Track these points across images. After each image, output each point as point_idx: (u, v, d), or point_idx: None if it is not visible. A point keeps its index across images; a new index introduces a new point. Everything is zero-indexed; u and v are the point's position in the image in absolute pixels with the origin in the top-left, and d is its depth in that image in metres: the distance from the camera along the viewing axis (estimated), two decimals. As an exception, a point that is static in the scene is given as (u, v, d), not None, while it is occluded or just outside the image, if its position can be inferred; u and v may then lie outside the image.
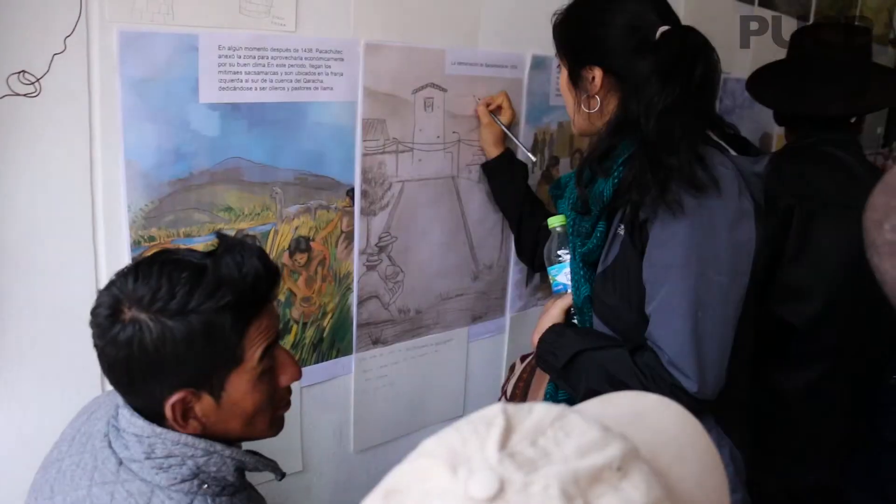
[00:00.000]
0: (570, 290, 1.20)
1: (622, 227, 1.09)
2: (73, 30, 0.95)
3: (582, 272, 1.16)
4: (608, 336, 1.12)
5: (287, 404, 0.89)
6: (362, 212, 1.32)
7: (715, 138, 1.11)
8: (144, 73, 1.02)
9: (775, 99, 1.70)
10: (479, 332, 1.62)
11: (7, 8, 0.90)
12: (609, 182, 1.08)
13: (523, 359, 1.41)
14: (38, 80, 0.94)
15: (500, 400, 1.48)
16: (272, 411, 0.86)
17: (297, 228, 1.25)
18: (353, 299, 1.36)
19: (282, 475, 0.89)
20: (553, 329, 1.18)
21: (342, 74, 1.24)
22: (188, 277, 0.75)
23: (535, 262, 1.48)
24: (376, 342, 1.42)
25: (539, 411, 0.41)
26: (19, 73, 0.92)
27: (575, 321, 1.20)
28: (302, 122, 1.20)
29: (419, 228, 1.43)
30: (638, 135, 1.05)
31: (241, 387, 0.80)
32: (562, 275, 1.23)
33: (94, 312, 0.77)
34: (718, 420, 1.10)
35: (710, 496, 0.45)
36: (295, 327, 1.29)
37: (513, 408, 0.41)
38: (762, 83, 1.73)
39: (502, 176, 1.49)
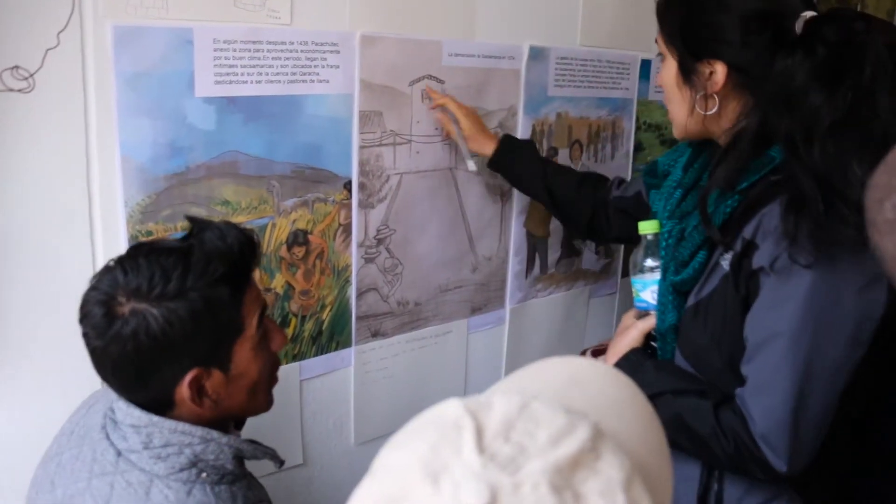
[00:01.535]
0: (653, 312, 1.06)
1: (727, 257, 0.92)
2: (67, 24, 0.95)
3: (671, 298, 1.01)
4: (691, 376, 0.99)
5: (276, 377, 0.92)
6: (360, 204, 1.32)
7: None
8: (139, 68, 1.02)
9: None
10: (478, 323, 1.62)
11: None
12: (721, 208, 0.92)
13: (595, 353, 1.31)
14: (31, 75, 0.94)
15: None
16: (269, 382, 0.89)
17: (294, 222, 1.25)
18: (352, 292, 1.36)
19: (280, 463, 0.89)
20: (630, 358, 1.05)
21: (338, 67, 1.23)
22: (177, 260, 0.76)
23: (596, 234, 1.41)
24: (376, 334, 1.43)
25: (500, 404, 0.40)
26: (12, 68, 0.92)
27: (654, 344, 1.07)
28: (298, 115, 1.20)
29: (417, 221, 1.43)
30: (773, 156, 0.89)
31: (245, 355, 0.82)
32: (647, 292, 1.07)
33: (85, 316, 0.76)
34: (796, 485, 0.98)
35: (654, 450, 0.45)
36: (294, 320, 1.29)
37: (471, 404, 0.40)
38: None
39: (516, 163, 1.37)
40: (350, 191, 1.30)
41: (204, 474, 0.78)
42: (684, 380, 0.98)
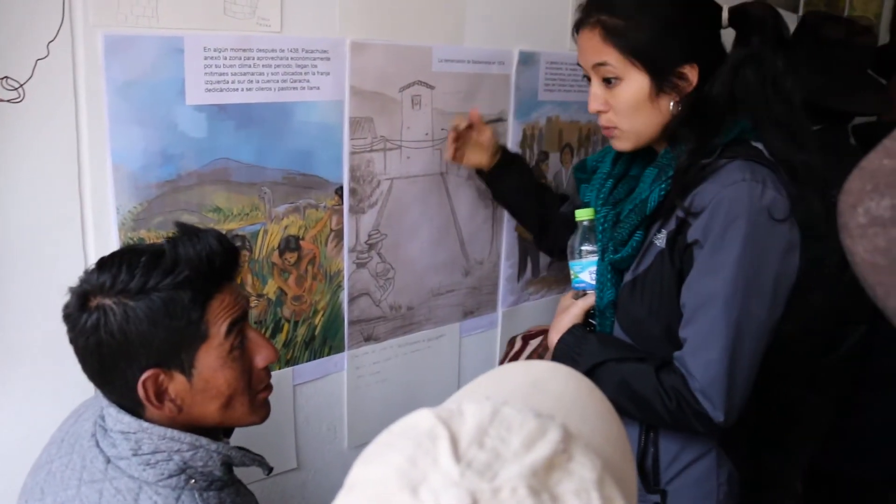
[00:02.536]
0: (591, 291, 1.14)
1: (661, 236, 1.03)
2: (57, 35, 0.96)
3: (609, 276, 1.10)
4: (631, 346, 1.08)
5: (268, 387, 0.91)
6: (351, 210, 1.33)
7: (760, 147, 1.03)
8: (130, 77, 1.03)
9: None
10: (471, 327, 1.63)
11: (-10, 14, 0.91)
12: (655, 191, 1.03)
13: (526, 339, 1.36)
14: (21, 85, 0.94)
15: None
16: (251, 394, 0.87)
17: (286, 228, 1.25)
18: (344, 297, 1.37)
19: (269, 470, 0.90)
20: (573, 332, 1.12)
21: (329, 74, 1.24)
22: (147, 260, 0.78)
23: (556, 250, 1.45)
24: (368, 339, 1.43)
25: (471, 412, 0.41)
26: (2, 79, 0.93)
27: (593, 322, 1.15)
28: (289, 121, 1.21)
29: (409, 225, 1.44)
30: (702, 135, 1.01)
31: (210, 363, 0.82)
32: (585, 273, 1.15)
33: (64, 308, 0.81)
34: (721, 441, 1.08)
35: (616, 446, 0.46)
36: (286, 326, 1.30)
37: (443, 413, 0.41)
38: None
39: (510, 178, 1.42)
40: (341, 196, 1.31)
41: (192, 481, 0.79)
42: (626, 349, 1.07)
